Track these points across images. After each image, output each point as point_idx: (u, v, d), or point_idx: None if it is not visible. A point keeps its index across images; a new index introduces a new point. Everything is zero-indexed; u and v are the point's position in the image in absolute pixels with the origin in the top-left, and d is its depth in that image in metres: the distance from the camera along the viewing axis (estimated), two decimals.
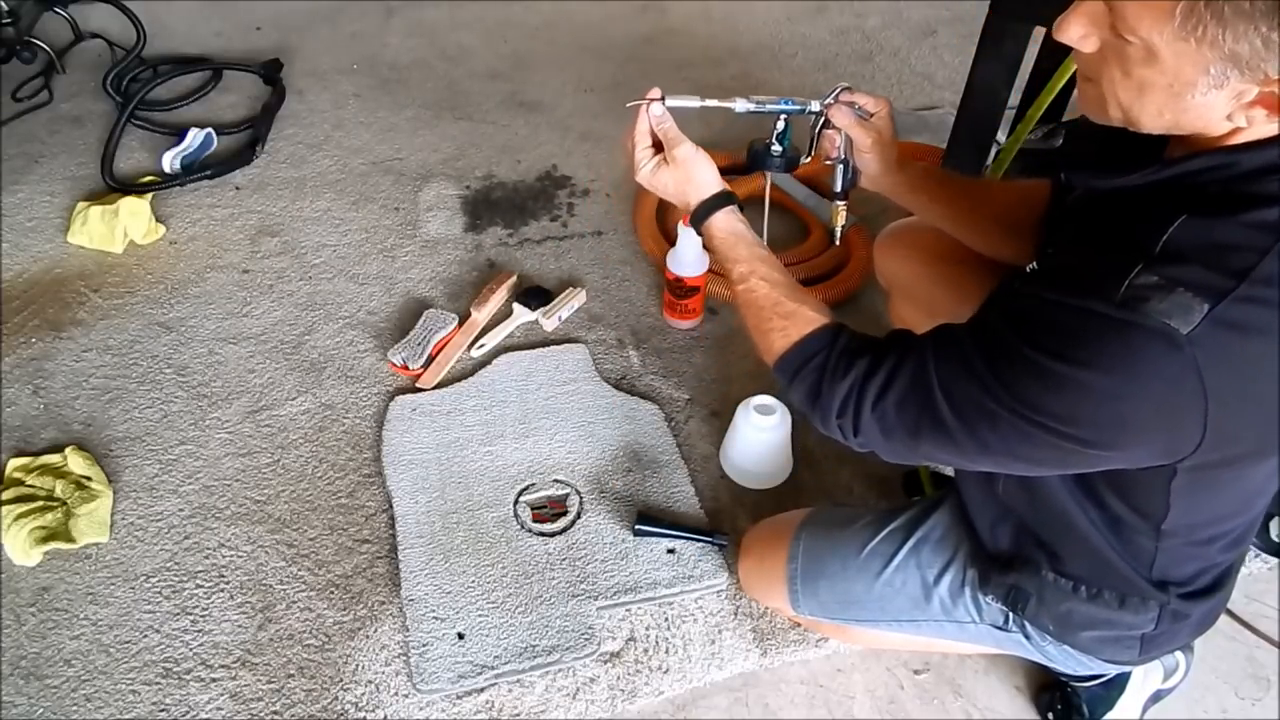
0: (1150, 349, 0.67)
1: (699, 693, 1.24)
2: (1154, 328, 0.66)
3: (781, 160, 1.07)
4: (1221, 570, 0.96)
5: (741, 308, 0.98)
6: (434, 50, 2.74)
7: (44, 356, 1.68)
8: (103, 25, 2.52)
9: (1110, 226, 0.76)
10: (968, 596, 1.05)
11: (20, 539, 1.33)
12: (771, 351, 0.93)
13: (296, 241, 1.98)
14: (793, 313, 0.93)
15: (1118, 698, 1.16)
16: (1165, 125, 0.71)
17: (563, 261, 1.95)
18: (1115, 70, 0.69)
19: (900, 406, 0.83)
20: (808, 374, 0.89)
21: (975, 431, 0.78)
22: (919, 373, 0.81)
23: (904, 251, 1.29)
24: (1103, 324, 0.68)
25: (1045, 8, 1.46)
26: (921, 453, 0.85)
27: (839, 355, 0.87)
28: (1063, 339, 0.71)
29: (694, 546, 1.36)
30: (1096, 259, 0.73)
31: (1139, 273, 0.68)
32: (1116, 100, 0.71)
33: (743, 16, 2.99)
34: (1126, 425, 0.71)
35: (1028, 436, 0.75)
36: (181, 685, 1.22)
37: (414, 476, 1.46)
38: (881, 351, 0.85)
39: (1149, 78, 0.67)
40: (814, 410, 0.89)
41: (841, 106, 1.05)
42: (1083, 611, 0.97)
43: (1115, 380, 0.68)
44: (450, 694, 1.20)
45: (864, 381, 0.84)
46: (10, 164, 2.16)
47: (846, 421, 0.86)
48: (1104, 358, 0.68)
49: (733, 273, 0.98)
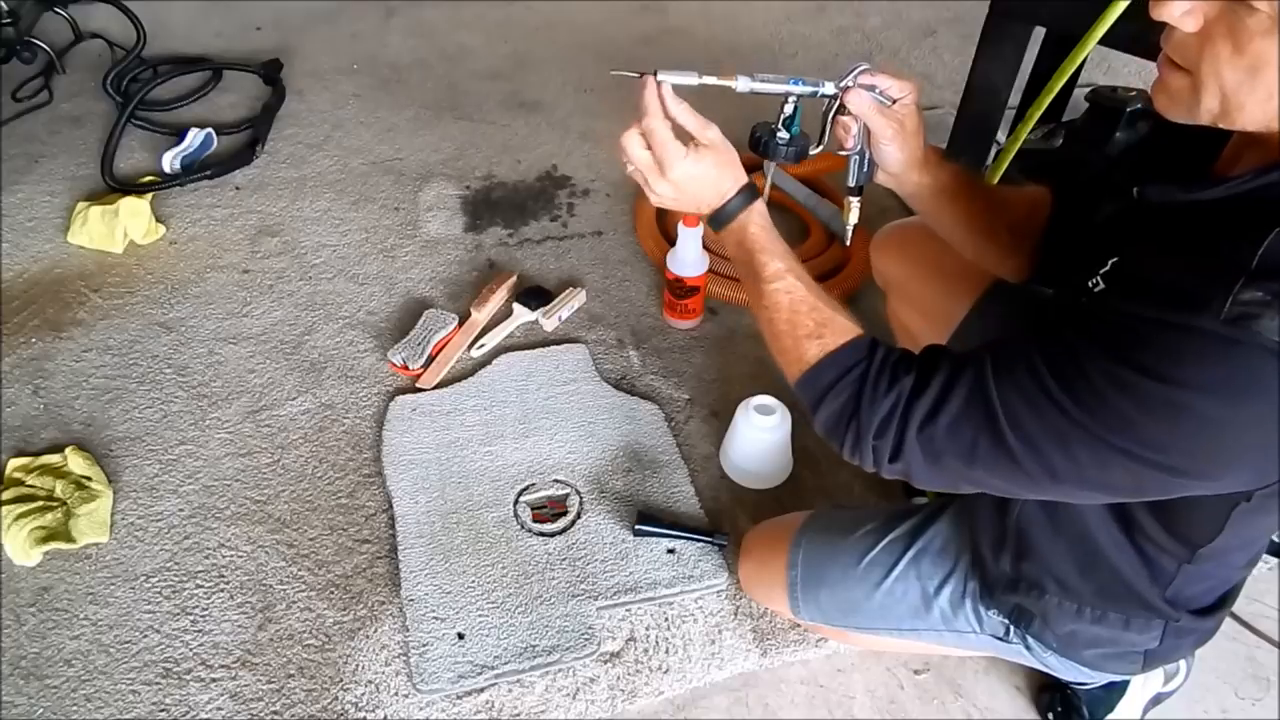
0: (1261, 369, 0.61)
1: (699, 693, 1.24)
2: (1265, 345, 0.60)
3: (789, 149, 0.93)
4: (1231, 586, 0.95)
5: (769, 309, 0.86)
6: (434, 50, 2.74)
7: (44, 356, 1.68)
8: (103, 25, 2.52)
9: (1189, 240, 0.69)
10: (968, 608, 1.05)
11: (20, 539, 1.33)
12: (803, 360, 0.83)
13: (296, 241, 1.98)
14: (830, 320, 0.83)
15: (1118, 700, 1.16)
16: (1267, 115, 0.64)
17: (563, 261, 1.95)
18: (1224, 48, 0.62)
19: (953, 428, 0.74)
20: (844, 388, 0.79)
21: (1044, 457, 0.71)
22: (977, 390, 0.73)
23: (900, 251, 1.28)
24: (1207, 342, 0.62)
25: (1045, 8, 1.47)
26: (973, 479, 0.77)
27: (879, 368, 0.78)
28: (1159, 356, 0.64)
29: (694, 546, 1.36)
30: (1187, 273, 0.65)
31: (1242, 287, 0.61)
32: (1219, 86, 0.64)
33: (743, 16, 2.99)
34: (1223, 451, 0.66)
35: (1105, 463, 0.69)
36: (181, 685, 1.22)
37: (414, 476, 1.46)
38: (929, 366, 0.77)
39: (1268, 53, 0.60)
40: (846, 429, 0.80)
41: (860, 90, 0.90)
42: (1088, 632, 0.96)
43: (1218, 402, 0.63)
44: (450, 694, 1.20)
45: (910, 399, 0.76)
46: (10, 164, 2.16)
47: (885, 443, 0.77)
48: (1207, 378, 0.63)
49: (766, 268, 0.86)
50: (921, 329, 1.28)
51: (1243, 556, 0.89)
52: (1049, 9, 1.45)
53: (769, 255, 0.87)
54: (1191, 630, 0.95)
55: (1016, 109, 1.90)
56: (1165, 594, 0.90)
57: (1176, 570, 0.87)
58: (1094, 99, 1.72)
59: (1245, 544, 0.85)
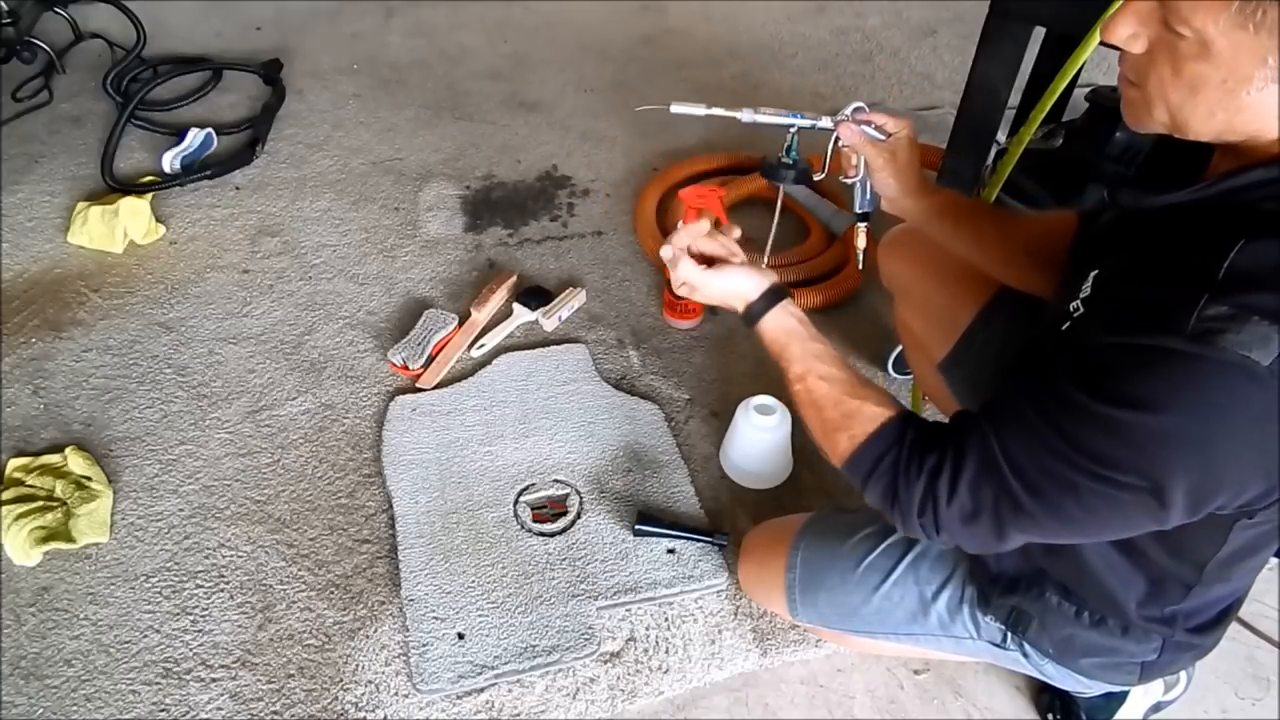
0: (1231, 384, 0.62)
1: (699, 693, 1.24)
2: (1232, 361, 0.61)
3: (793, 173, 1.04)
4: (1230, 603, 0.94)
5: (801, 408, 0.93)
6: (434, 50, 2.74)
7: (44, 356, 1.68)
8: (103, 25, 2.52)
9: (1160, 253, 0.71)
10: (966, 613, 1.05)
11: (20, 539, 1.33)
12: (838, 454, 0.88)
13: (296, 241, 1.98)
14: (855, 411, 0.87)
15: (1118, 708, 1.16)
16: (1216, 128, 0.67)
17: (563, 261, 1.95)
18: (1165, 69, 0.66)
19: (975, 497, 0.77)
20: (880, 475, 0.83)
21: (1058, 508, 0.72)
22: (984, 455, 0.76)
23: (906, 254, 1.29)
24: (1177, 362, 0.63)
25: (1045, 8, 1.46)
26: (1011, 539, 0.79)
27: (909, 452, 0.81)
28: (1133, 384, 0.65)
29: (694, 546, 1.36)
30: (1155, 291, 0.67)
31: (1207, 303, 0.62)
32: (1165, 102, 0.68)
33: (743, 16, 2.99)
34: (1215, 470, 0.66)
35: (1114, 501, 0.70)
36: (181, 685, 1.22)
37: (414, 476, 1.46)
38: (945, 441, 0.80)
39: (1201, 74, 0.64)
40: (893, 512, 0.84)
41: (850, 125, 1.01)
42: (1085, 638, 0.96)
43: (1197, 422, 0.63)
44: (450, 694, 1.20)
45: (934, 478, 0.79)
46: (10, 164, 2.16)
47: (927, 519, 0.81)
48: (1183, 400, 0.63)
49: (789, 373, 0.93)
50: (926, 333, 1.28)
51: (1247, 572, 0.89)
52: (1049, 9, 1.45)
53: (787, 361, 0.93)
54: (1190, 645, 0.94)
55: (1016, 109, 1.90)
56: (1163, 611, 0.89)
57: (1184, 595, 0.87)
58: (1094, 99, 1.72)
59: (1245, 557, 0.84)
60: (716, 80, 2.65)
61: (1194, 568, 0.84)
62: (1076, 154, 1.73)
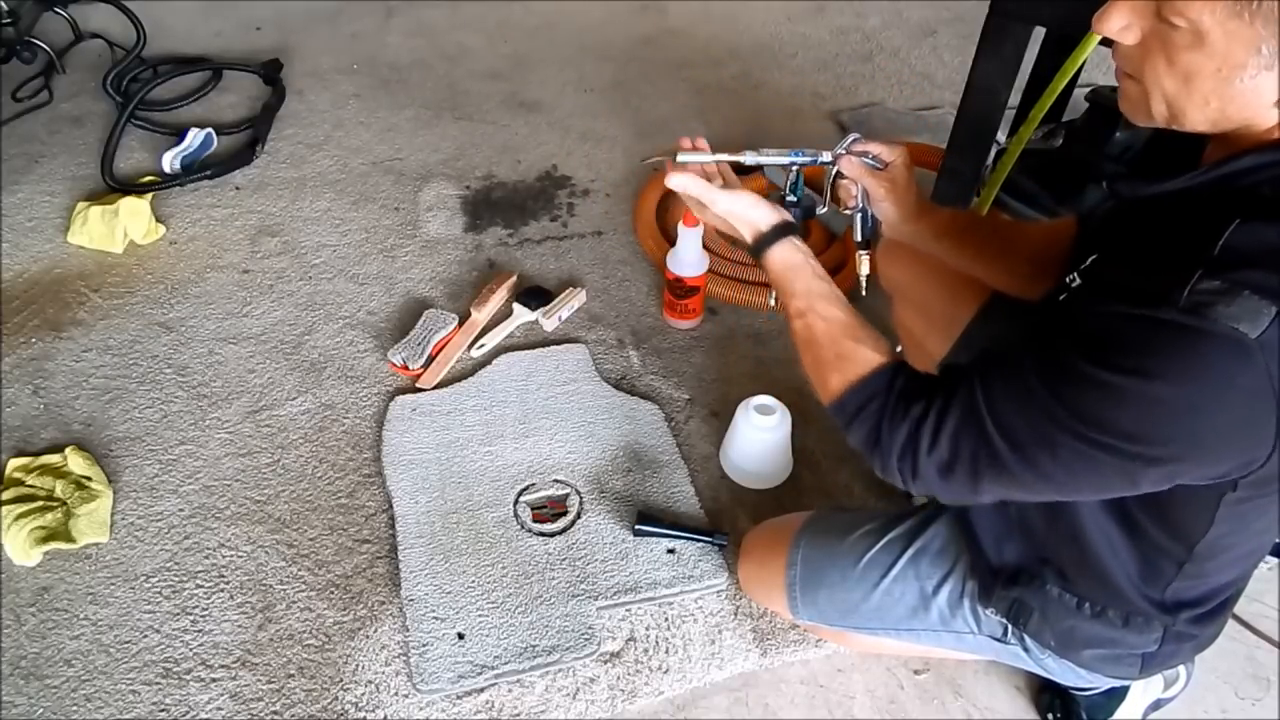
0: (1221, 355, 0.64)
1: (699, 693, 1.24)
2: (1223, 333, 0.63)
3: (798, 209, 1.07)
4: (1230, 593, 0.95)
5: (798, 344, 0.94)
6: (434, 50, 2.74)
7: (44, 356, 1.68)
8: (103, 25, 2.52)
9: (1158, 235, 0.73)
10: (966, 608, 1.05)
11: (20, 539, 1.33)
12: (828, 391, 0.89)
13: (296, 241, 1.98)
14: (849, 353, 0.88)
15: (1117, 706, 1.16)
16: (1211, 117, 0.69)
17: (563, 261, 1.95)
18: (1159, 60, 0.68)
19: (954, 447, 0.79)
20: (866, 418, 0.85)
21: (1034, 462, 0.74)
22: (968, 406, 0.77)
23: (904, 257, 1.29)
24: (1168, 332, 0.65)
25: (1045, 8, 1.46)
26: (985, 492, 0.80)
27: (897, 398, 0.83)
28: (1126, 351, 0.67)
29: (694, 546, 1.36)
30: (1151, 267, 0.69)
31: (1200, 278, 0.64)
32: (1161, 93, 0.69)
33: (743, 16, 2.99)
34: (1199, 438, 0.68)
35: (1092, 461, 0.72)
36: (181, 685, 1.22)
37: (414, 476, 1.46)
38: (932, 390, 0.81)
39: (1196, 63, 0.66)
40: (873, 454, 0.85)
41: (850, 157, 1.04)
42: (1086, 629, 0.96)
43: (1186, 390, 0.66)
44: (450, 694, 1.20)
45: (918, 426, 0.81)
46: (10, 164, 2.16)
47: (905, 465, 0.82)
48: (1172, 367, 0.65)
49: (790, 308, 0.94)
50: (925, 334, 1.28)
51: (1241, 558, 0.89)
52: (1049, 9, 1.45)
53: (789, 296, 0.94)
54: (1191, 636, 0.94)
55: (1016, 109, 1.90)
56: (1164, 597, 0.90)
57: (1175, 573, 0.87)
58: (1094, 99, 1.72)
59: (1239, 541, 0.85)
60: (716, 80, 2.65)
61: (1184, 545, 0.85)
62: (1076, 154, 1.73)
